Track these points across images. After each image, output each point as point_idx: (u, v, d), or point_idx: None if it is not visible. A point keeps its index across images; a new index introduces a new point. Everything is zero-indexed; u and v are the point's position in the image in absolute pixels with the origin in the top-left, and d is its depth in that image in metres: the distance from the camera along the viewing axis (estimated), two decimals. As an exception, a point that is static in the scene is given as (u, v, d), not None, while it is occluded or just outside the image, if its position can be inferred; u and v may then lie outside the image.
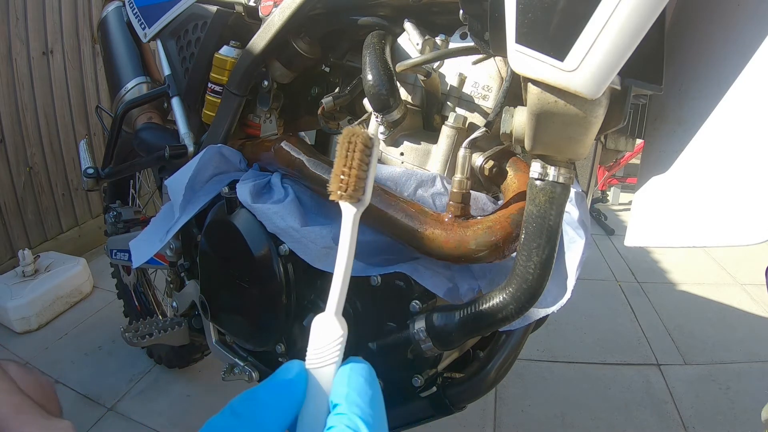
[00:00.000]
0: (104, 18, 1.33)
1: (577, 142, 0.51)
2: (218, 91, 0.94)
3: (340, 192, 0.29)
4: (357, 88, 0.87)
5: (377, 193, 0.71)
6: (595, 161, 0.77)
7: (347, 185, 0.29)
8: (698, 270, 2.32)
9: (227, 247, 0.88)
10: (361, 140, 0.28)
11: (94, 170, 1.30)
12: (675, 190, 0.52)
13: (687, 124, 0.52)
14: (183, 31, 1.06)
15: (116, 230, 1.43)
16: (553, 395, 1.55)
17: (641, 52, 0.43)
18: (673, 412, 1.48)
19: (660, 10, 0.41)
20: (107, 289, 1.98)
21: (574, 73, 0.44)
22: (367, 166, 0.29)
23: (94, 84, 2.31)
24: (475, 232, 0.63)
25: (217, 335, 1.05)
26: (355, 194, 0.29)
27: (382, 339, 0.75)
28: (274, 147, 0.84)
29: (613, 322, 1.93)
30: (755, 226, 0.46)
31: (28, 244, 2.08)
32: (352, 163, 0.29)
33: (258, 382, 0.97)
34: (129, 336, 1.11)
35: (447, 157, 0.72)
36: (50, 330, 1.83)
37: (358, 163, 0.29)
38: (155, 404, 1.50)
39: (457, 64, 0.73)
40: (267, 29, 0.82)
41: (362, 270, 0.74)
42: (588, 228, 0.62)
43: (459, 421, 1.42)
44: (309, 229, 0.74)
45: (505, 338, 0.73)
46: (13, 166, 2.01)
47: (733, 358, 1.71)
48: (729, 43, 0.49)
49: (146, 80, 1.27)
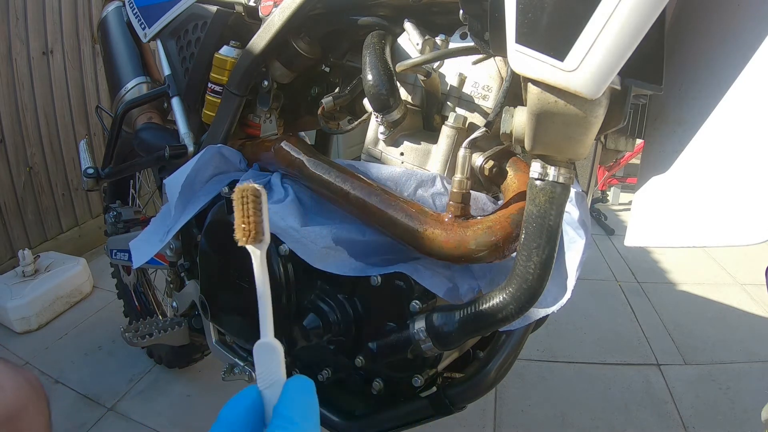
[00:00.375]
0: (104, 18, 1.33)
1: (577, 142, 0.51)
2: (218, 91, 0.94)
3: (245, 238, 0.34)
4: (357, 88, 0.87)
5: (377, 193, 0.71)
6: (595, 161, 0.77)
7: (250, 232, 0.34)
8: (698, 270, 2.32)
9: (227, 247, 0.88)
10: (251, 192, 0.34)
11: (94, 170, 1.30)
12: (675, 190, 0.52)
13: (687, 124, 0.52)
14: (183, 31, 1.06)
15: (116, 230, 1.43)
16: (553, 395, 1.55)
17: (641, 52, 0.43)
18: (673, 412, 1.48)
19: (660, 10, 0.41)
20: (107, 289, 1.98)
21: (574, 73, 0.44)
22: (261, 212, 0.34)
23: (94, 84, 2.31)
24: (475, 232, 0.63)
25: (217, 335, 1.05)
26: (258, 237, 0.34)
27: (383, 339, 0.75)
28: (274, 147, 0.84)
29: (613, 322, 1.93)
30: (755, 226, 0.46)
31: (28, 244, 2.08)
32: (249, 213, 0.34)
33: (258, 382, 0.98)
34: (129, 336, 1.11)
35: (447, 157, 0.72)
36: (50, 330, 1.82)
37: (253, 212, 0.34)
38: (155, 404, 1.50)
39: (457, 64, 0.73)
40: (267, 29, 0.82)
41: (362, 270, 0.74)
42: (588, 228, 0.62)
43: (459, 421, 1.42)
44: (309, 229, 0.74)
45: (505, 338, 0.73)
46: (13, 166, 2.01)
47: (733, 358, 1.71)
48: (729, 43, 0.49)
49: (146, 80, 1.27)
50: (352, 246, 0.75)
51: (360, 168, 0.76)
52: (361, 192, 0.72)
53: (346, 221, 0.77)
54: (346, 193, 0.73)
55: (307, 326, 0.79)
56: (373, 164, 0.76)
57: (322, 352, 0.84)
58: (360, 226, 0.75)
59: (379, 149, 0.78)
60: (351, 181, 0.73)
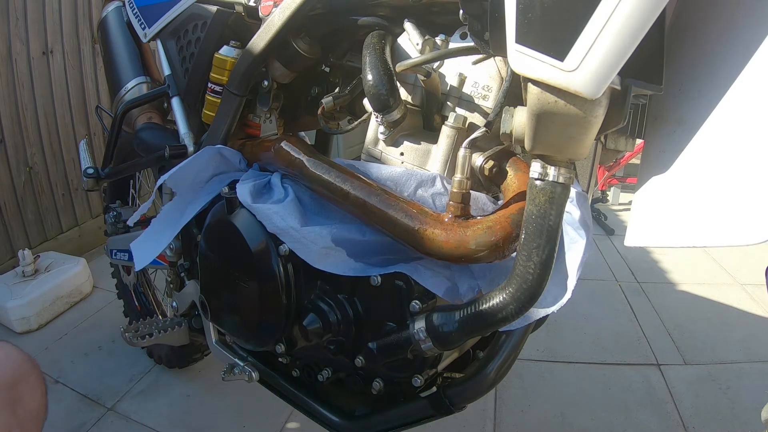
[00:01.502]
0: (104, 18, 1.33)
1: (577, 142, 0.51)
2: (218, 91, 0.94)
3: None
4: (357, 88, 0.87)
5: (377, 193, 0.71)
6: (595, 161, 0.77)
7: None
8: (698, 270, 2.32)
9: (227, 247, 0.88)
10: None
11: (94, 170, 1.30)
12: (675, 190, 0.52)
13: (687, 124, 0.52)
14: (183, 31, 1.06)
15: (116, 230, 1.43)
16: (553, 395, 1.55)
17: (641, 52, 0.43)
18: (673, 412, 1.48)
19: (660, 10, 0.41)
20: (107, 289, 1.97)
21: (574, 73, 0.44)
22: None
23: (94, 84, 2.31)
24: (475, 232, 0.63)
25: (217, 335, 1.05)
26: None
27: (383, 339, 0.75)
28: (274, 147, 0.84)
29: (613, 322, 1.93)
30: (755, 226, 0.46)
31: (28, 244, 2.08)
32: None
33: (258, 382, 0.98)
34: (129, 336, 1.11)
35: (447, 157, 0.72)
36: (50, 330, 1.82)
37: None
38: (155, 404, 1.50)
39: (457, 64, 0.73)
40: (267, 29, 0.82)
41: (362, 270, 0.74)
42: (590, 228, 0.62)
43: (459, 421, 1.42)
44: (309, 229, 0.74)
45: (505, 338, 0.73)
46: (13, 166, 2.01)
47: (733, 358, 1.71)
48: (729, 43, 0.49)
49: (146, 80, 1.27)
50: (352, 246, 0.75)
51: (360, 168, 0.76)
52: (361, 192, 0.72)
53: (346, 221, 0.77)
54: (346, 193, 0.73)
55: (307, 326, 0.79)
56: (373, 164, 0.76)
57: (322, 352, 0.84)
58: (360, 226, 0.75)
59: (379, 149, 0.78)
60: (351, 181, 0.73)
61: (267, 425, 1.43)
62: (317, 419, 0.91)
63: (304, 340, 0.81)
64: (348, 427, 0.88)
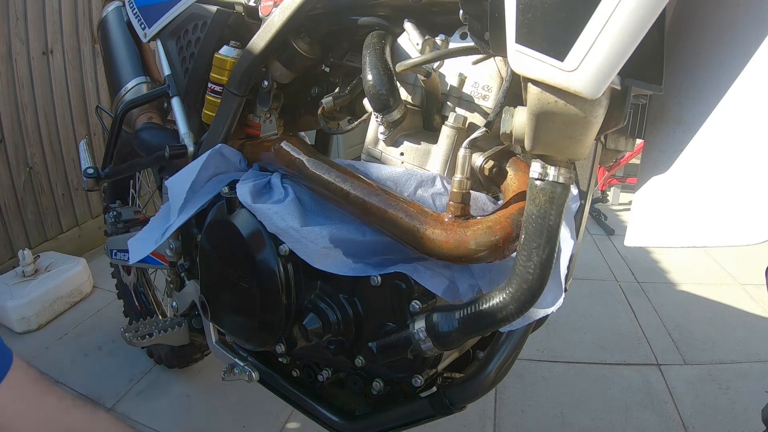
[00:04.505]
0: (104, 18, 1.33)
1: (577, 142, 0.51)
2: (218, 91, 0.94)
3: None
4: (357, 88, 0.87)
5: (377, 193, 0.71)
6: (595, 161, 0.77)
7: None
8: (698, 270, 2.32)
9: (227, 247, 0.88)
10: None
11: (94, 170, 1.30)
12: (675, 190, 0.52)
13: (687, 124, 0.52)
14: (183, 31, 1.06)
15: (116, 230, 1.43)
16: (553, 395, 1.55)
17: (641, 52, 0.43)
18: (673, 412, 1.48)
19: (660, 10, 0.41)
20: (107, 289, 1.97)
21: (574, 73, 0.44)
22: None
23: (94, 84, 2.31)
24: (475, 232, 0.63)
25: (217, 335, 1.05)
26: None
27: (383, 339, 0.75)
28: (274, 147, 0.84)
29: (613, 322, 1.93)
30: (755, 226, 0.46)
31: (28, 244, 2.08)
32: None
33: (258, 382, 0.98)
34: (129, 336, 1.11)
35: (447, 157, 0.72)
36: (50, 330, 1.82)
37: None
38: (155, 404, 1.50)
39: (457, 64, 0.73)
40: (267, 29, 0.82)
41: (362, 270, 0.74)
42: (573, 227, 0.63)
43: (459, 421, 1.42)
44: (309, 229, 0.74)
45: (505, 338, 0.73)
46: (13, 166, 2.01)
47: (733, 358, 1.71)
48: (729, 43, 0.49)
49: (146, 80, 1.27)
50: (352, 246, 0.75)
51: (360, 168, 0.76)
52: (361, 192, 0.72)
53: (346, 221, 0.77)
54: (346, 193, 0.73)
55: (307, 326, 0.79)
56: (373, 164, 0.76)
57: (322, 352, 0.84)
58: (360, 226, 0.75)
59: (379, 149, 0.78)
60: (351, 181, 0.73)
61: (267, 425, 1.43)
62: (317, 419, 0.91)
63: (304, 340, 0.81)
64: (348, 427, 0.88)
